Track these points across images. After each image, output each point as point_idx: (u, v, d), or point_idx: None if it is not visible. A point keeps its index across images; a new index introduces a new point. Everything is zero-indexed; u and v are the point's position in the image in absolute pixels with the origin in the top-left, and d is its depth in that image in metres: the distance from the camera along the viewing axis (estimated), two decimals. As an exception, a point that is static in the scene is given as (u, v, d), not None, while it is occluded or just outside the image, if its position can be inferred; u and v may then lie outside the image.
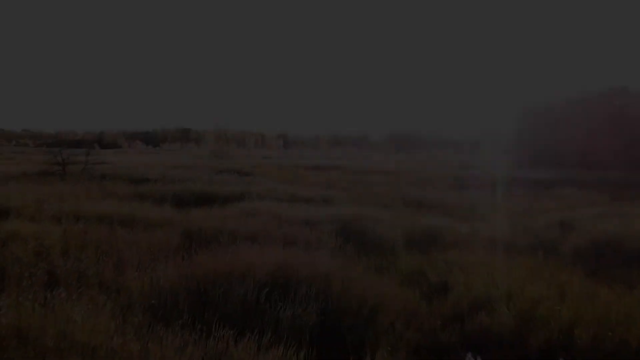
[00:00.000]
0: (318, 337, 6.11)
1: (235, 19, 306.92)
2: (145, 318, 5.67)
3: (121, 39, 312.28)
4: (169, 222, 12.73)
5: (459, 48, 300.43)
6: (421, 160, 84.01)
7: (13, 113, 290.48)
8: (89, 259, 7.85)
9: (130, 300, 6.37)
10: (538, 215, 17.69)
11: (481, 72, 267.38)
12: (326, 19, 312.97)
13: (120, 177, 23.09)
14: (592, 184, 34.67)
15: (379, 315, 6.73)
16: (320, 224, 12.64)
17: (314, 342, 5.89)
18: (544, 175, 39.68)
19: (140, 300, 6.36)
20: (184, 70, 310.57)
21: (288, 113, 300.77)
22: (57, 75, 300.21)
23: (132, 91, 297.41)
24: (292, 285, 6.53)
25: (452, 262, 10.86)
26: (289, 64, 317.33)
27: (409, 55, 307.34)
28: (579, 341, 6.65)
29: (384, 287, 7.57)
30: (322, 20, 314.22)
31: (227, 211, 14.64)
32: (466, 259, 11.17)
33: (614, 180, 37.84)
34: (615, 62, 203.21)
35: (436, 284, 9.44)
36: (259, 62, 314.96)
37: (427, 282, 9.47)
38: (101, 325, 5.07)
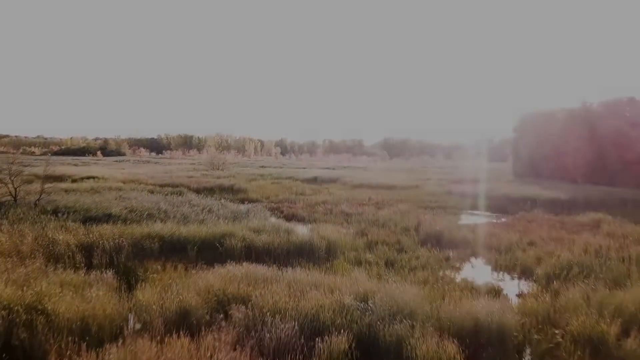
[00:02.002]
0: None
1: (237, 29, 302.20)
2: None
3: (130, 50, 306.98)
4: (84, 331, 7.42)
5: (456, 52, 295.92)
6: (418, 168, 78.94)
7: (30, 120, 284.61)
8: None
9: None
10: (604, 268, 12.46)
11: (478, 77, 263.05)
12: (325, 28, 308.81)
13: (78, 211, 17.42)
14: (614, 205, 29.67)
15: None
16: (326, 329, 7.38)
17: None
18: (555, 193, 34.49)
19: None
20: (187, 78, 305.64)
21: (286, 119, 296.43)
22: (74, 82, 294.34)
23: (141, 98, 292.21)
24: None
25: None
26: (288, 72, 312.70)
27: (405, 62, 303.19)
28: None
29: None
30: (321, 29, 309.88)
31: (192, 284, 9.39)
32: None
33: (632, 199, 32.78)
34: (619, 69, 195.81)
35: None
36: (259, 70, 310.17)
37: None
38: None
